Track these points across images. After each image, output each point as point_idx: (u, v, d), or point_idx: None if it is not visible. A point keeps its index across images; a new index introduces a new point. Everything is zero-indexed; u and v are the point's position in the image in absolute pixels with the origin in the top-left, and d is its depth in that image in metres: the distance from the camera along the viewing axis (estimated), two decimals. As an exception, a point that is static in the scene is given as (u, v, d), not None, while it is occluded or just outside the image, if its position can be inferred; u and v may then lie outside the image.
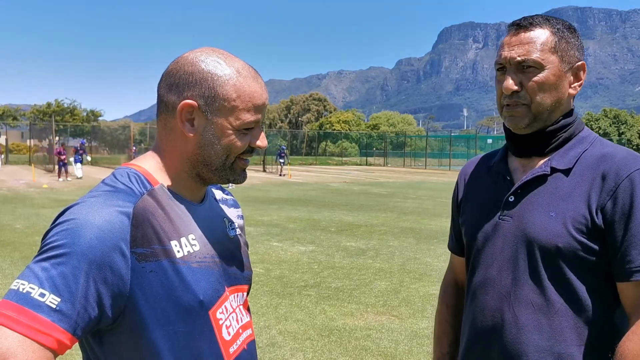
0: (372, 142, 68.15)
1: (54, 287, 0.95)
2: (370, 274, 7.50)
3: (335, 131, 75.27)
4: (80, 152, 26.22)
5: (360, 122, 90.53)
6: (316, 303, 6.07)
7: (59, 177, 24.13)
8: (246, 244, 1.37)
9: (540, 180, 1.39)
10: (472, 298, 1.48)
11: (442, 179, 30.63)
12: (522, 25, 1.37)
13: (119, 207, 1.04)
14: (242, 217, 1.41)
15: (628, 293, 1.30)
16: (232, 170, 1.17)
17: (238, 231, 1.33)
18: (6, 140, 50.88)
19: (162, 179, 1.15)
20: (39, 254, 1.00)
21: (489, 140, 51.70)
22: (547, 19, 1.39)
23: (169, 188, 1.15)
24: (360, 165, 54.08)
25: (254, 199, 17.40)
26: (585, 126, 1.47)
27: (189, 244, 1.12)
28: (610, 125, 69.96)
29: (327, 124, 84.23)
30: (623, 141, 62.58)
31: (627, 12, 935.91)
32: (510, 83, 1.36)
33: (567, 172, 1.37)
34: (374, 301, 6.19)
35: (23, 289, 0.95)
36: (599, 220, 1.30)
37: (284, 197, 18.38)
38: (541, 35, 1.35)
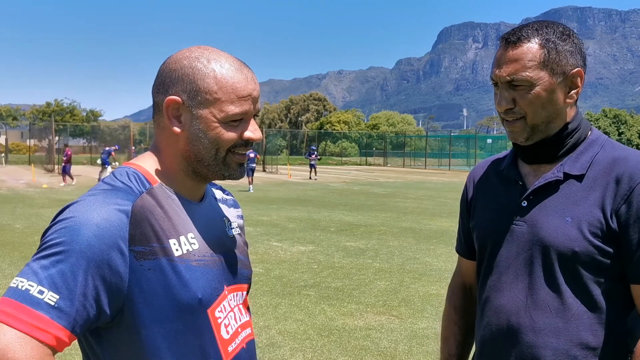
0: (371, 142, 68.19)
1: (53, 284, 0.96)
2: (370, 273, 7.50)
3: (335, 131, 75.29)
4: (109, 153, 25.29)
5: (360, 122, 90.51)
6: (316, 303, 6.07)
7: (71, 180, 22.35)
8: (246, 244, 1.37)
9: (553, 185, 1.39)
10: (486, 302, 1.48)
11: (442, 179, 30.65)
12: (510, 40, 1.37)
13: (117, 205, 1.05)
14: (242, 217, 1.40)
15: None
16: (225, 165, 1.16)
17: (237, 231, 1.33)
18: (6, 140, 50.91)
19: (161, 178, 1.16)
20: (38, 251, 1.00)
21: (489, 140, 51.77)
22: (537, 29, 1.36)
23: (167, 187, 1.15)
24: (360, 165, 54.11)
25: (254, 198, 17.40)
26: (595, 128, 1.46)
27: (188, 242, 1.13)
28: (610, 125, 69.95)
29: (327, 123, 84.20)
30: (623, 141, 62.60)
31: (626, 12, 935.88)
32: (502, 103, 1.37)
33: (580, 177, 1.37)
34: (373, 301, 6.19)
35: (22, 286, 0.95)
36: (613, 224, 1.31)
37: (284, 197, 18.38)
38: (529, 50, 1.34)
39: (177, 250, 1.10)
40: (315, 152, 29.61)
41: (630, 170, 1.32)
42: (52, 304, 0.95)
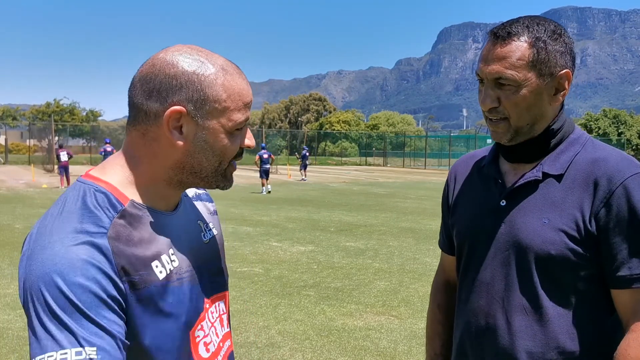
0: (371, 142, 68.17)
1: (84, 341, 0.88)
2: (370, 274, 7.50)
3: (334, 131, 75.27)
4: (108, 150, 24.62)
5: (359, 122, 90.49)
6: (315, 303, 6.08)
7: (62, 184, 21.18)
8: (222, 243, 1.29)
9: (532, 185, 1.36)
10: (465, 301, 1.46)
11: (442, 179, 30.63)
12: (499, 35, 1.31)
13: (92, 238, 0.95)
14: (215, 212, 1.32)
15: (625, 300, 1.28)
16: (223, 176, 1.10)
17: (214, 232, 1.25)
18: (5, 140, 50.83)
19: (132, 193, 1.04)
20: (36, 311, 0.89)
21: (489, 140, 51.63)
22: (527, 26, 1.31)
23: (139, 203, 1.04)
24: (359, 165, 54.10)
25: (254, 198, 17.41)
26: (577, 126, 1.43)
27: (169, 260, 1.05)
28: (610, 125, 69.95)
29: (327, 124, 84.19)
30: (622, 141, 62.54)
31: (626, 12, 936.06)
32: (487, 101, 1.33)
33: (559, 177, 1.34)
34: (373, 301, 6.19)
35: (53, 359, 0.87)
36: (592, 228, 1.27)
37: (284, 197, 18.38)
38: (517, 49, 1.29)
39: (160, 272, 1.02)
40: (303, 152, 27.84)
41: (610, 172, 1.28)
42: (95, 356, 0.88)
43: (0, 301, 5.96)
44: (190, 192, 1.25)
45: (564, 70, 1.32)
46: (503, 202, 1.39)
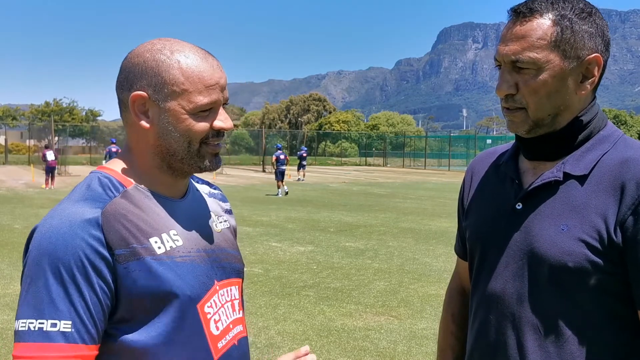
0: (371, 143, 68.14)
1: (57, 312, 1.00)
2: (369, 274, 7.50)
3: (334, 131, 75.26)
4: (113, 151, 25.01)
5: (359, 123, 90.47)
6: (315, 303, 6.08)
7: (47, 185, 20.76)
8: (235, 236, 1.36)
9: (551, 187, 1.20)
10: (475, 313, 1.32)
11: (442, 179, 30.64)
12: (520, 12, 1.17)
13: (87, 214, 1.04)
14: (230, 211, 1.39)
15: None
16: (200, 157, 1.14)
17: (226, 225, 1.31)
18: (5, 140, 50.76)
19: (136, 179, 1.14)
20: (27, 285, 1.03)
21: (489, 141, 51.76)
22: (552, 2, 1.16)
23: (143, 187, 1.14)
24: (359, 165, 54.09)
25: (253, 199, 17.41)
26: (610, 122, 1.25)
27: (170, 239, 1.12)
28: (610, 126, 70.05)
29: (327, 124, 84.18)
30: (622, 142, 62.61)
31: (626, 12, 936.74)
32: (502, 86, 1.19)
33: (582, 179, 1.17)
34: (372, 301, 6.19)
35: (33, 326, 1.00)
36: (617, 238, 1.11)
37: (283, 197, 18.38)
38: (539, 27, 1.14)
39: (159, 248, 1.09)
40: (300, 153, 27.66)
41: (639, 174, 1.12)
42: (69, 330, 0.99)
43: (0, 301, 5.97)
44: (205, 190, 1.34)
45: (593, 54, 1.17)
46: (519, 205, 1.24)
